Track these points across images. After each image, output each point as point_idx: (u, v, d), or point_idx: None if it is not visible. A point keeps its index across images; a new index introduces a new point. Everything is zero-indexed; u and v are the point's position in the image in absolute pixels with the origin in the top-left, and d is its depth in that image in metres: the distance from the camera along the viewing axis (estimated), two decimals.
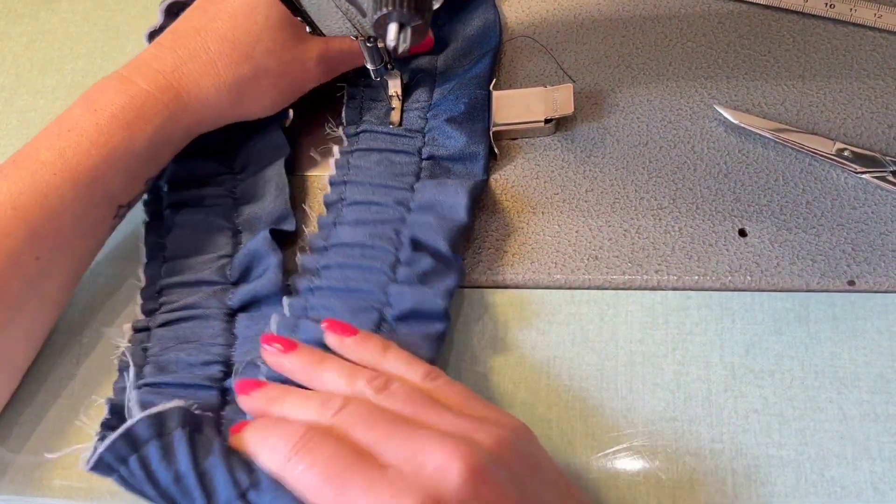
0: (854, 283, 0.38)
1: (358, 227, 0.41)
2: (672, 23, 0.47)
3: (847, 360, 0.37)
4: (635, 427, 0.37)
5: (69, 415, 0.41)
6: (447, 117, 0.44)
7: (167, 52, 0.41)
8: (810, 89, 0.44)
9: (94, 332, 0.43)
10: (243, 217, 0.44)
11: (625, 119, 0.44)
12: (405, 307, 0.38)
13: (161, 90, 0.40)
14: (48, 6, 0.56)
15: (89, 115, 0.39)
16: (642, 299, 0.40)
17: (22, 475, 0.40)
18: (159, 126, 0.40)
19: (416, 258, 0.39)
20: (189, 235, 0.43)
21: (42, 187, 0.38)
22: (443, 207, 0.40)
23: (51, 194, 0.38)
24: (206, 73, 0.41)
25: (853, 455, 0.35)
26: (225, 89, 0.41)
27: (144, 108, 0.40)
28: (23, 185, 0.38)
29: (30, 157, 0.39)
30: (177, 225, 0.44)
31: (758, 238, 0.40)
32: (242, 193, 0.45)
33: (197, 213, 0.44)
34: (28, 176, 0.38)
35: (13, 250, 0.37)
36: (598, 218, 0.42)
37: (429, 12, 0.33)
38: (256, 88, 0.42)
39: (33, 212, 0.38)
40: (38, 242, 0.38)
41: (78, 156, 0.38)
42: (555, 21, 0.48)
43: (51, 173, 0.38)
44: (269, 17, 0.41)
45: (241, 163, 0.46)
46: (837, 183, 0.41)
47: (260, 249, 0.41)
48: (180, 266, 0.42)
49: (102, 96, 0.40)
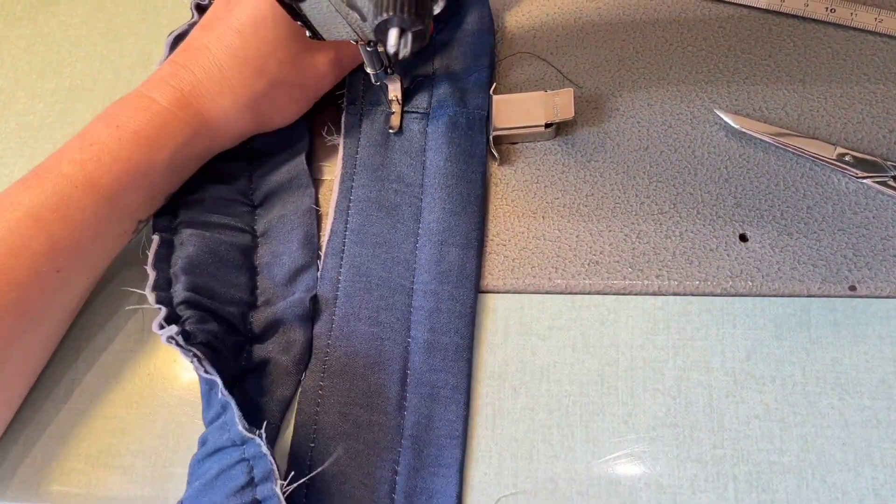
0: (855, 289, 0.38)
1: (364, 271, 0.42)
2: (672, 27, 0.47)
3: (848, 365, 0.37)
4: (636, 433, 0.37)
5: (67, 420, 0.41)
6: (447, 128, 0.44)
7: (183, 71, 0.41)
8: (811, 93, 0.44)
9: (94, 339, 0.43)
10: (263, 260, 0.43)
11: (625, 123, 0.44)
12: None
13: (182, 108, 0.40)
14: (47, 9, 0.56)
15: (111, 130, 0.39)
16: (643, 304, 0.40)
17: (22, 483, 0.40)
18: (181, 144, 0.40)
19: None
20: (206, 262, 0.42)
21: (64, 200, 0.38)
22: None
23: (72, 207, 0.38)
24: (223, 91, 0.41)
25: (855, 461, 0.35)
26: (244, 107, 0.41)
27: (166, 126, 0.40)
28: (44, 198, 0.38)
29: (52, 169, 0.39)
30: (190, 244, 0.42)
31: (759, 243, 0.40)
32: (264, 231, 0.44)
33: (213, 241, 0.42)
34: (50, 188, 0.38)
35: (34, 262, 0.37)
36: (599, 222, 0.42)
37: (429, 17, 0.33)
38: (273, 102, 0.42)
39: (55, 224, 0.38)
40: (58, 255, 0.38)
41: (100, 170, 0.38)
42: (555, 25, 0.48)
43: (72, 186, 0.38)
44: (279, 30, 0.41)
45: (260, 196, 0.45)
46: (838, 188, 0.41)
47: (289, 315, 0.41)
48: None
49: (124, 113, 0.40)
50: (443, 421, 0.38)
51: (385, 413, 0.39)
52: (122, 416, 0.41)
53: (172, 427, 0.40)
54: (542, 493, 0.36)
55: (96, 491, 0.39)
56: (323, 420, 0.39)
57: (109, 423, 0.41)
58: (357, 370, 0.40)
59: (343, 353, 0.40)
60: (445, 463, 0.37)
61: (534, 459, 0.37)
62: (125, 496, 0.39)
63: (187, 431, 0.40)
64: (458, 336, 0.39)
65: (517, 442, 0.38)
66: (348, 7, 0.35)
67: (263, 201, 0.45)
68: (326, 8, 0.36)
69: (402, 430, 0.38)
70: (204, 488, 0.35)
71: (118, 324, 0.43)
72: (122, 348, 0.43)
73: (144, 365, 0.42)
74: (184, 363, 0.42)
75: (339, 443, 0.38)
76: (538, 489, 0.36)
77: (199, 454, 0.37)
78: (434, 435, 0.38)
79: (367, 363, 0.40)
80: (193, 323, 0.38)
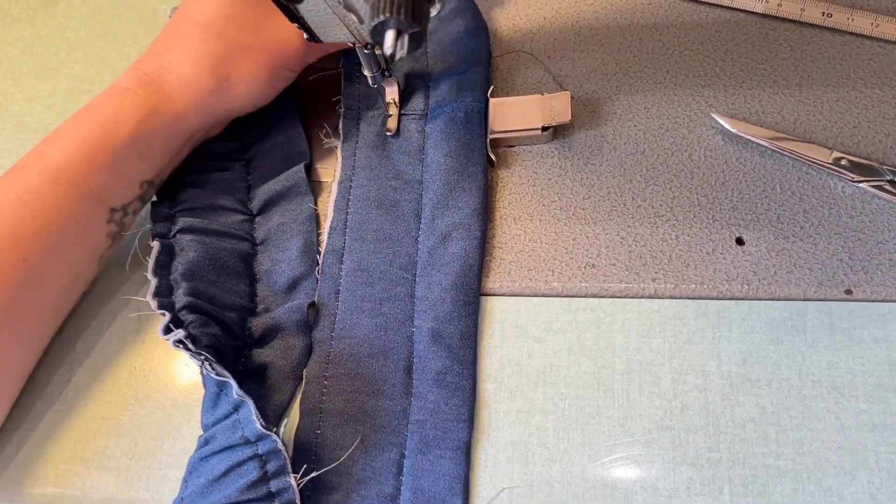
0: (851, 292, 0.38)
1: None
2: (669, 31, 0.47)
3: (844, 369, 0.37)
4: (632, 436, 0.37)
5: (62, 421, 0.41)
6: (445, 124, 0.44)
7: (151, 54, 0.42)
8: (807, 98, 0.44)
9: (87, 339, 0.43)
10: (262, 268, 0.43)
11: (622, 127, 0.44)
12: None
13: (141, 85, 0.41)
14: (45, 11, 0.56)
15: (72, 119, 0.40)
16: (639, 308, 0.40)
17: (17, 484, 0.40)
18: (141, 119, 0.40)
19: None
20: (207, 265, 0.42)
21: (25, 186, 0.38)
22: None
23: (34, 192, 0.38)
24: (183, 59, 0.41)
25: (850, 465, 0.35)
26: (205, 72, 0.41)
27: (124, 104, 0.40)
28: (7, 188, 0.38)
29: (17, 165, 0.39)
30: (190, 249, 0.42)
31: (755, 247, 0.40)
32: (263, 239, 0.44)
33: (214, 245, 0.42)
34: (13, 179, 0.39)
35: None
36: (595, 226, 0.42)
37: (426, 19, 0.33)
38: (236, 67, 0.42)
39: (16, 211, 0.38)
40: (22, 243, 0.38)
41: (57, 154, 0.39)
42: (552, 29, 0.48)
43: (34, 172, 0.39)
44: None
45: (258, 204, 0.45)
46: (834, 192, 0.41)
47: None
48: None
49: (89, 104, 0.41)
50: (449, 405, 0.38)
51: (391, 399, 0.39)
52: (116, 417, 0.41)
53: (167, 429, 0.40)
54: (538, 495, 0.36)
55: (91, 493, 0.39)
56: (328, 407, 0.39)
57: (104, 425, 0.41)
58: (362, 359, 0.40)
59: (347, 343, 0.40)
60: (452, 445, 0.37)
61: (529, 462, 0.37)
62: (120, 498, 0.39)
63: (182, 433, 0.40)
64: (463, 324, 0.40)
65: (513, 444, 0.37)
66: (345, 9, 0.35)
67: (262, 209, 0.45)
68: (323, 10, 0.36)
69: (408, 415, 0.38)
70: (211, 485, 0.35)
71: (113, 326, 0.43)
72: (116, 350, 0.42)
73: (139, 367, 0.42)
74: (179, 365, 0.42)
75: (345, 429, 0.38)
76: (534, 492, 0.36)
77: (203, 452, 0.37)
78: (440, 419, 0.38)
79: (372, 352, 0.40)
80: (196, 327, 0.38)
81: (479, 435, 0.38)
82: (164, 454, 0.39)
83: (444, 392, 0.38)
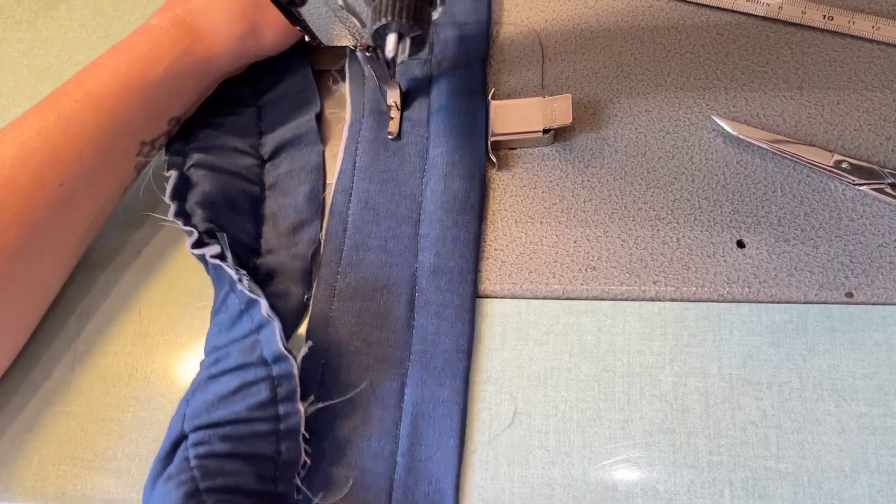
0: (852, 295, 0.38)
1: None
2: (671, 34, 0.47)
3: (845, 372, 0.37)
4: (633, 438, 0.37)
5: (63, 423, 0.41)
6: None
7: (175, 2, 0.44)
8: (808, 101, 0.44)
9: (88, 341, 0.43)
10: (269, 211, 0.45)
11: (623, 129, 0.44)
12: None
13: (175, 26, 0.42)
14: (46, 13, 0.56)
15: (110, 53, 0.42)
16: (640, 310, 0.40)
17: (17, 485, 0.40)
18: (176, 58, 0.42)
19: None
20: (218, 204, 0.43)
21: (65, 113, 0.40)
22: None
23: (73, 120, 0.40)
24: (212, 5, 0.43)
25: (851, 468, 0.35)
26: (235, 18, 0.43)
27: (160, 42, 0.42)
28: (47, 114, 0.40)
29: (56, 92, 0.41)
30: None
31: (756, 249, 0.40)
32: (272, 185, 0.45)
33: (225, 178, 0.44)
34: (52, 105, 0.40)
35: (38, 173, 0.39)
36: (596, 228, 0.42)
37: (427, 23, 0.33)
38: (264, 15, 0.44)
39: (57, 136, 0.39)
40: (62, 167, 0.39)
41: (98, 84, 0.40)
42: (553, 32, 0.48)
43: (73, 101, 0.40)
44: None
45: (269, 150, 0.46)
46: (835, 195, 0.41)
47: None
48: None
49: (123, 41, 0.43)
50: (449, 336, 0.39)
51: (394, 331, 0.40)
52: (117, 419, 0.41)
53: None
54: (539, 498, 0.36)
55: (91, 494, 0.39)
56: (333, 339, 0.40)
57: (105, 427, 0.41)
58: (366, 293, 0.41)
59: (353, 279, 0.42)
60: (451, 374, 0.39)
61: (530, 465, 0.37)
62: (120, 499, 0.39)
63: None
64: (463, 260, 0.41)
65: (513, 447, 0.37)
66: (347, 12, 0.35)
67: (272, 156, 0.46)
68: (325, 13, 0.36)
69: (410, 347, 0.40)
70: (218, 402, 0.36)
71: (114, 327, 0.43)
72: (118, 351, 0.42)
73: (140, 368, 0.42)
74: (180, 367, 0.42)
75: (350, 359, 0.40)
76: (534, 494, 0.36)
77: (212, 371, 0.37)
78: (440, 349, 0.39)
79: (377, 287, 0.41)
80: (217, 252, 0.40)
81: (479, 437, 0.38)
82: None
83: (444, 324, 0.40)
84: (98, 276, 0.45)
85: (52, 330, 0.43)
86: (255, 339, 0.37)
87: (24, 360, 0.43)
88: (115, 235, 0.46)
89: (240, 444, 0.35)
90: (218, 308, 0.40)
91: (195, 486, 0.33)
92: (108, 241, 0.46)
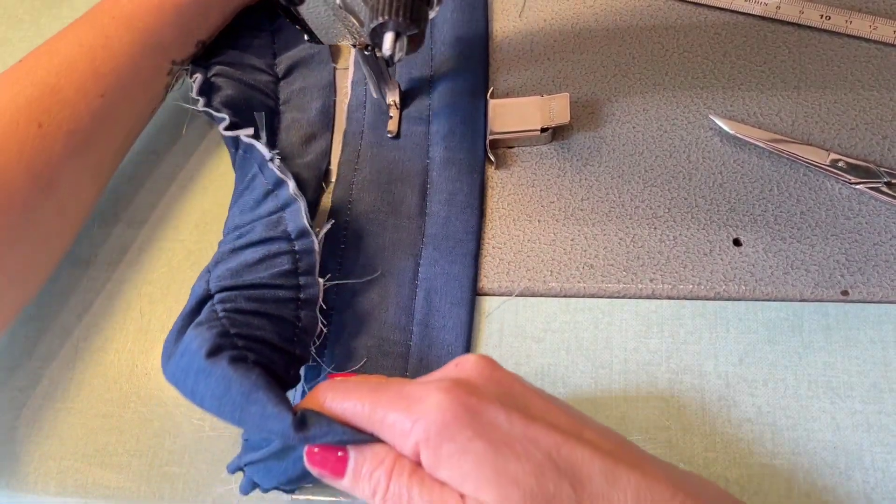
0: (848, 294, 0.38)
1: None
2: (668, 33, 0.47)
3: (840, 369, 0.37)
4: (629, 435, 0.37)
5: (64, 418, 0.41)
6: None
7: None
8: (805, 100, 0.44)
9: (90, 337, 0.43)
10: (283, 124, 0.47)
11: (621, 128, 0.45)
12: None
13: None
14: (50, 12, 0.56)
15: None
16: (637, 308, 0.40)
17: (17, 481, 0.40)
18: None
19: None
20: None
21: (104, 30, 0.42)
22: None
23: (111, 36, 0.42)
24: None
25: (846, 465, 0.35)
26: None
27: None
28: (87, 28, 0.42)
29: (93, 10, 0.43)
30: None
31: (752, 247, 0.40)
32: (286, 100, 0.48)
33: None
34: (90, 20, 0.42)
35: (81, 84, 0.40)
36: (594, 226, 0.42)
37: (424, 22, 0.33)
38: None
39: (97, 50, 0.41)
40: (101, 80, 0.41)
41: (132, 4, 0.43)
42: (551, 31, 0.48)
43: (110, 17, 0.42)
44: None
45: (283, 69, 0.48)
46: (832, 193, 0.41)
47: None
48: None
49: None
50: (459, 220, 0.42)
51: (408, 217, 0.43)
52: (118, 415, 0.41)
53: (169, 426, 0.40)
54: None
55: (92, 490, 0.39)
56: (352, 226, 0.43)
57: (106, 423, 0.41)
58: (382, 184, 0.44)
59: (369, 172, 0.45)
60: (462, 252, 0.41)
61: None
62: (121, 495, 0.39)
63: (184, 431, 0.40)
64: (471, 154, 0.44)
65: None
66: (345, 11, 0.36)
67: (286, 74, 0.48)
68: (324, 12, 0.37)
69: (423, 231, 0.43)
70: (243, 269, 0.37)
71: (115, 323, 0.44)
72: (119, 348, 0.43)
73: (141, 364, 0.42)
74: None
75: (367, 241, 0.43)
76: None
77: (237, 244, 0.38)
78: (451, 231, 0.42)
79: (391, 179, 0.44)
80: (251, 133, 0.42)
81: None
82: (165, 452, 0.40)
83: (454, 209, 0.43)
84: (99, 273, 0.45)
85: (53, 326, 0.44)
86: (281, 216, 0.39)
87: (25, 356, 0.43)
88: (116, 233, 0.46)
89: (263, 305, 0.36)
90: (241, 192, 0.42)
91: (226, 330, 0.35)
92: (109, 238, 0.46)
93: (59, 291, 0.45)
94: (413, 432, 0.28)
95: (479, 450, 0.27)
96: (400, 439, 0.29)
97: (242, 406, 0.31)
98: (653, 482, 0.28)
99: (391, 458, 0.29)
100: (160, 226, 0.46)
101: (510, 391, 0.30)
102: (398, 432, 0.29)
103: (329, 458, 0.31)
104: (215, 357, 0.33)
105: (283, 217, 0.39)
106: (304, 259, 0.38)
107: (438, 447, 0.28)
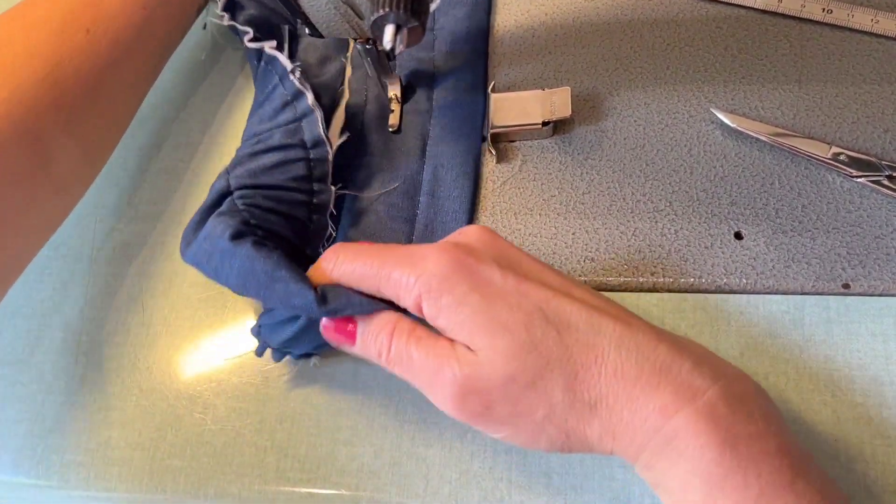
0: (849, 287, 0.38)
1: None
2: (669, 27, 0.47)
3: (841, 363, 0.37)
4: None
5: (66, 412, 0.41)
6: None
7: None
8: (807, 93, 0.44)
9: (93, 331, 0.43)
10: (301, 46, 0.49)
11: (622, 122, 0.44)
12: None
13: None
14: None
15: None
16: (638, 301, 0.40)
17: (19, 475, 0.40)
18: None
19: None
20: None
21: None
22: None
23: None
24: None
25: (847, 458, 0.35)
26: None
27: None
28: None
29: None
30: None
31: (753, 241, 0.40)
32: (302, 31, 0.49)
33: None
34: None
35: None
36: (595, 220, 0.42)
37: (425, 14, 0.33)
38: None
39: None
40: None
41: None
42: (552, 24, 0.48)
43: None
44: None
45: None
46: (833, 187, 0.41)
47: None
48: None
49: None
50: (465, 112, 0.45)
51: (417, 113, 0.46)
52: (120, 409, 0.41)
53: (171, 420, 0.41)
54: (537, 486, 0.37)
55: (95, 483, 0.40)
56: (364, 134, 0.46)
57: (108, 416, 0.41)
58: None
59: (377, 93, 0.47)
60: (467, 133, 0.44)
61: (528, 453, 0.37)
62: (124, 488, 0.39)
63: (185, 424, 0.40)
64: (473, 72, 0.46)
65: None
66: (346, 4, 0.36)
67: None
68: (325, 4, 0.37)
69: (428, 124, 0.45)
70: (261, 172, 0.39)
71: (118, 318, 0.44)
72: (121, 342, 0.43)
73: (143, 359, 0.42)
74: (182, 357, 0.42)
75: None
76: (532, 483, 0.37)
77: (256, 148, 0.40)
78: (458, 120, 0.45)
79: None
80: (275, 45, 0.44)
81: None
82: (167, 445, 0.40)
83: (458, 110, 0.45)
84: (101, 268, 0.45)
85: (56, 321, 0.44)
86: (298, 125, 0.41)
87: (28, 351, 0.43)
88: (119, 227, 0.46)
89: (280, 205, 0.39)
90: (261, 103, 0.44)
91: (247, 220, 0.37)
92: (112, 233, 0.46)
93: (62, 286, 0.45)
94: (416, 286, 0.31)
95: (475, 302, 0.31)
96: (404, 292, 0.32)
97: (267, 284, 0.34)
98: (636, 332, 0.30)
99: (392, 323, 0.33)
100: (162, 220, 0.46)
101: (506, 254, 0.33)
102: (403, 286, 0.32)
103: (342, 328, 0.34)
104: (239, 240, 0.35)
105: (300, 126, 0.41)
106: (319, 167, 0.40)
107: (438, 298, 0.31)
